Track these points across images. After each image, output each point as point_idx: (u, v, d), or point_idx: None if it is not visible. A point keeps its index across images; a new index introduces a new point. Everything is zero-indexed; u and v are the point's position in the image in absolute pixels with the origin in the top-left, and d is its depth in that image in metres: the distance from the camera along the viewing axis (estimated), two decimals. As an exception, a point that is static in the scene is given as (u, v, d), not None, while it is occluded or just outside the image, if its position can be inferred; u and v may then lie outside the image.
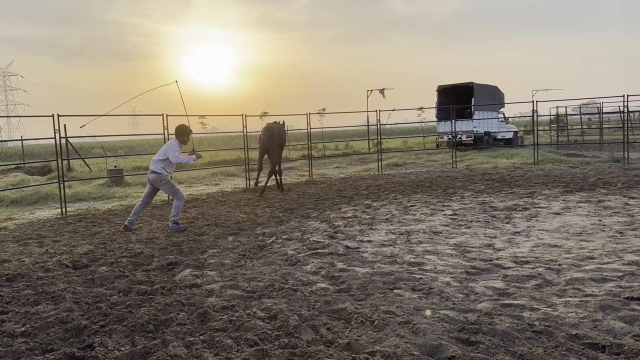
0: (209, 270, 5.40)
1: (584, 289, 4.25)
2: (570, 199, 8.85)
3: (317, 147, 28.78)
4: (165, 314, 4.06)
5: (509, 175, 13.03)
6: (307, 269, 5.27)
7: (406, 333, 3.45)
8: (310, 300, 4.22)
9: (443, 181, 12.48)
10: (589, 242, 5.83)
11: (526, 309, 3.85)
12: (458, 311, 3.87)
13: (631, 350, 3.07)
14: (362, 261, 5.52)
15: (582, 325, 3.50)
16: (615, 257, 5.14)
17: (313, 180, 14.62)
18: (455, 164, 16.86)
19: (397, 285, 4.62)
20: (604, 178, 11.32)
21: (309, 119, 15.27)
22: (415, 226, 7.28)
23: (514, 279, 4.62)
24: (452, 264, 5.24)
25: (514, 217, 7.61)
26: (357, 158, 22.26)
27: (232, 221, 8.24)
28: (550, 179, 11.65)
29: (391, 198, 10.12)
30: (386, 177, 14.30)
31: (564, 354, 3.07)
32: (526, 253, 5.52)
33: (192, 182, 15.45)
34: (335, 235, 6.89)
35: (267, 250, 6.23)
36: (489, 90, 24.66)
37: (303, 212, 8.93)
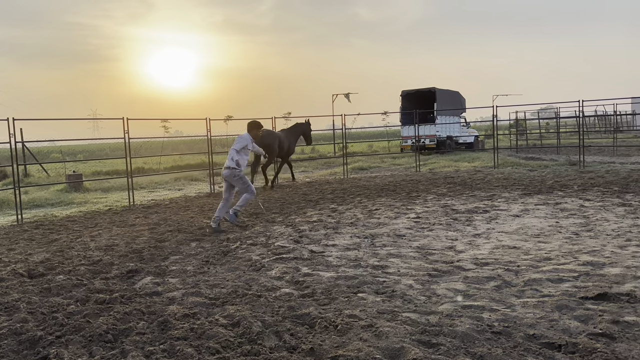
0: (170, 278, 5.30)
1: (542, 290, 4.36)
2: (529, 202, 9.10)
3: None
4: (124, 323, 3.96)
5: (470, 178, 13.30)
6: (272, 274, 5.24)
7: (369, 337, 3.47)
8: (274, 306, 4.20)
9: (407, 185, 12.65)
10: (547, 244, 6.01)
11: (486, 310, 3.93)
12: (420, 313, 3.91)
13: (585, 349, 3.17)
14: (327, 265, 5.53)
15: (539, 325, 3.59)
16: (571, 258, 5.31)
17: (279, 184, 14.56)
18: (419, 167, 17.11)
19: (361, 288, 4.64)
20: (561, 181, 11.69)
21: (274, 123, 15.23)
22: (380, 230, 7.34)
23: (474, 281, 4.71)
24: (415, 266, 5.31)
25: (474, 219, 7.77)
26: (322, 162, 22.32)
27: (196, 227, 8.12)
28: (510, 182, 11.96)
29: (356, 202, 10.18)
30: (351, 181, 14.38)
31: (522, 354, 3.15)
32: (486, 255, 5.64)
33: (155, 187, 15.16)
34: (301, 239, 6.87)
35: (231, 256, 6.17)
36: (451, 96, 25.17)
37: (268, 216, 8.88)
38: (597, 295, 4.10)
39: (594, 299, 4.05)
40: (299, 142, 15.51)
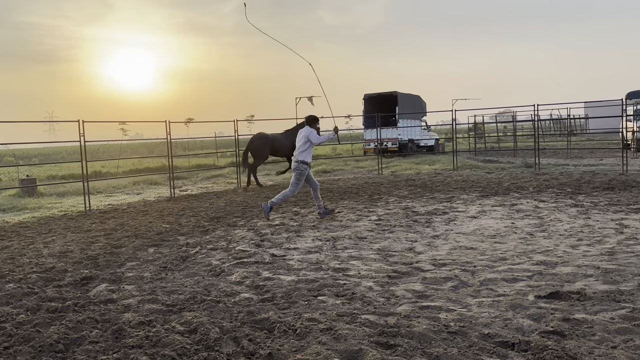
0: (126, 284, 5.16)
1: (497, 289, 4.47)
2: (486, 203, 9.32)
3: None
4: (76, 332, 3.83)
5: (430, 181, 13.53)
6: (232, 279, 5.17)
7: (328, 340, 3.46)
8: (233, 312, 4.14)
9: (369, 187, 12.75)
10: (502, 244, 6.16)
11: (443, 310, 3.99)
12: (379, 315, 3.94)
13: (537, 346, 3.25)
14: (288, 269, 5.50)
15: (493, 324, 3.67)
16: (526, 258, 5.46)
17: (242, 187, 14.43)
18: (381, 170, 17.29)
19: (321, 292, 4.64)
20: (517, 183, 12.03)
21: (236, 126, 15.10)
22: (342, 232, 7.37)
23: (432, 281, 4.78)
24: (375, 268, 5.35)
25: (434, 221, 7.89)
26: (286, 165, 22.24)
27: (154, 232, 7.95)
28: (468, 184, 12.22)
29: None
30: (314, 184, 14.38)
31: (477, 353, 3.21)
32: (444, 256, 5.74)
33: (112, 191, 14.77)
34: (262, 243, 6.82)
35: (190, 261, 6.06)
36: (412, 99, 25.57)
37: (230, 220, 8.79)
38: (550, 294, 4.23)
39: (546, 298, 4.17)
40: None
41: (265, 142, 13.95)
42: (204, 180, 17.51)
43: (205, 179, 18.07)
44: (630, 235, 6.28)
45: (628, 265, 4.98)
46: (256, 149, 13.86)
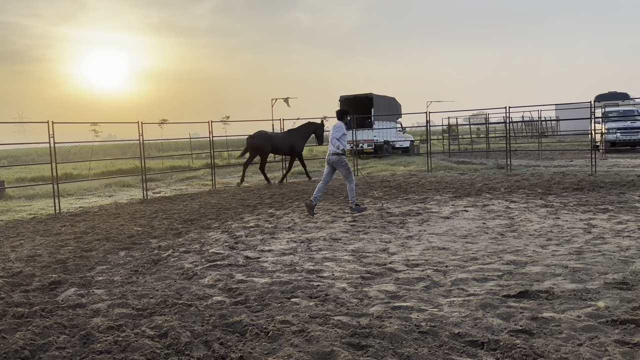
0: (96, 289, 5.06)
1: (467, 289, 4.53)
2: (459, 204, 9.45)
3: (222, 155, 28.27)
4: (43, 337, 3.74)
5: (405, 182, 13.64)
6: (204, 283, 5.12)
7: (300, 342, 3.46)
8: (205, 315, 4.10)
9: (344, 189, 12.78)
10: (474, 244, 6.25)
11: (414, 310, 4.03)
12: (351, 316, 3.95)
13: (506, 345, 3.31)
14: (262, 271, 5.48)
15: (464, 323, 3.72)
16: (496, 258, 5.55)
17: (216, 189, 14.33)
18: (357, 171, 17.35)
19: (295, 293, 4.63)
20: (489, 184, 12.22)
21: (211, 127, 14.98)
22: (316, 233, 7.37)
23: (405, 282, 4.82)
24: (349, 269, 5.36)
25: (407, 222, 7.96)
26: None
27: (125, 235, 7.82)
28: (442, 185, 12.36)
29: (294, 206, 10.18)
30: (291, 186, 14.37)
31: (447, 353, 3.24)
32: (417, 256, 5.80)
33: (84, 193, 14.49)
34: (236, 245, 6.78)
35: (162, 264, 5.98)
36: (388, 101, 25.76)
37: (203, 222, 8.70)
38: (519, 293, 4.30)
39: (515, 297, 4.24)
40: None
41: (265, 140, 14.42)
42: (178, 182, 17.32)
43: (180, 180, 17.87)
44: (597, 234, 6.43)
45: (595, 264, 5.10)
46: (255, 147, 14.40)
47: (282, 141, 14.93)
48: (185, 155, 29.31)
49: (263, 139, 14.59)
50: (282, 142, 14.91)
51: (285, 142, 14.94)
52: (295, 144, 15.01)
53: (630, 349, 3.21)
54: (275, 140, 14.83)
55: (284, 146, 14.94)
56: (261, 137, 14.64)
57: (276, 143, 14.80)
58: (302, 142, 15.29)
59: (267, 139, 14.65)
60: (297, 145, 15.08)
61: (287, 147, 14.99)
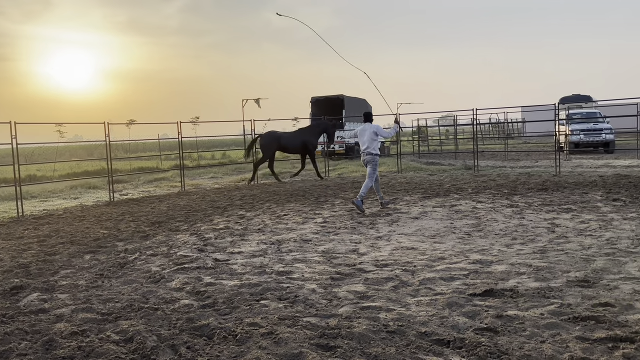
0: (59, 293, 4.93)
1: (435, 288, 4.59)
2: (428, 204, 9.58)
3: (191, 156, 27.94)
4: (3, 344, 3.63)
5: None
6: (171, 286, 5.05)
7: (268, 344, 3.45)
8: (172, 319, 4.05)
9: (316, 190, 12.80)
10: (441, 244, 6.35)
11: (383, 310, 4.06)
12: (320, 317, 3.96)
13: (471, 343, 3.37)
14: (231, 274, 5.43)
15: (431, 322, 3.77)
16: (463, 257, 5.64)
17: (185, 191, 14.15)
18: (328, 172, 17.40)
19: (264, 295, 4.61)
20: (457, 184, 12.43)
21: (180, 128, 14.79)
22: (287, 235, 7.36)
23: (374, 282, 4.86)
24: (319, 270, 5.38)
25: (377, 222, 8.03)
26: (233, 168, 22.00)
27: (91, 238, 7.64)
28: (411, 186, 12.51)
29: (265, 208, 10.14)
30: (262, 187, 14.30)
31: (414, 352, 3.29)
32: (386, 256, 5.85)
33: (48, 196, 14.10)
34: (205, 248, 6.71)
35: (129, 267, 5.87)
36: (358, 103, 25.90)
37: (172, 225, 8.58)
38: (484, 291, 4.39)
39: (481, 296, 4.32)
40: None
41: (271, 140, 14.76)
42: (146, 184, 17.03)
43: (148, 182, 17.57)
44: (560, 234, 6.62)
45: (558, 262, 5.25)
46: (261, 146, 14.92)
47: (292, 140, 15.17)
48: (153, 156, 28.84)
49: (270, 138, 14.86)
50: (291, 141, 15.14)
51: (296, 141, 15.15)
52: (306, 142, 15.20)
53: (590, 345, 3.31)
54: (284, 140, 15.06)
55: (294, 145, 15.17)
56: (268, 136, 14.94)
57: (285, 142, 15.05)
58: (314, 141, 15.45)
59: (275, 138, 14.86)
60: (309, 144, 15.25)
61: (298, 145, 15.18)
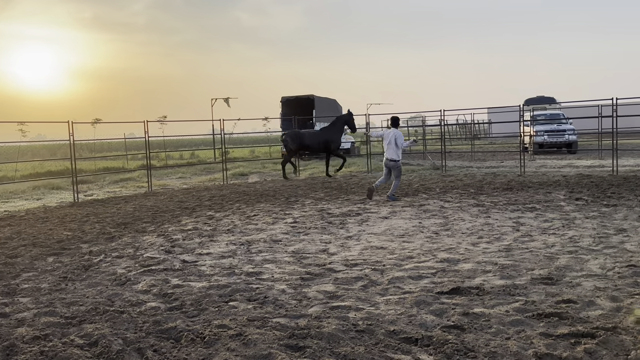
0: (21, 297, 4.78)
1: (403, 287, 4.64)
2: (397, 204, 9.67)
3: (159, 156, 27.49)
4: (-41, 352, 3.48)
5: (345, 183, 13.80)
6: (138, 288, 4.95)
7: (237, 346, 3.42)
8: (138, 322, 3.97)
9: (286, 190, 12.76)
10: (410, 243, 6.42)
11: (352, 309, 4.08)
12: (290, 318, 3.95)
13: (439, 340, 3.42)
14: (199, 275, 5.37)
15: (399, 321, 3.81)
16: (431, 256, 5.72)
17: (153, 191, 13.90)
18: (299, 172, 17.38)
19: (233, 297, 4.57)
20: (426, 184, 12.59)
21: (146, 127, 14.52)
22: (257, 235, 7.31)
23: (344, 282, 4.88)
24: (289, 271, 5.36)
25: (347, 222, 8.06)
26: (202, 168, 21.74)
27: (54, 240, 7.43)
28: (381, 186, 12.59)
29: (235, 208, 10.05)
30: (231, 187, 14.18)
31: (382, 350, 3.31)
32: (356, 256, 5.88)
33: (10, 197, 13.64)
34: (172, 249, 6.60)
35: (94, 270, 5.73)
36: (329, 103, 25.98)
37: (138, 226, 8.42)
38: (451, 289, 4.46)
39: (448, 294, 4.39)
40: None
41: (293, 138, 15.20)
42: (112, 184, 16.66)
43: (113, 182, 17.20)
44: (525, 232, 6.78)
45: (522, 260, 5.37)
46: (284, 144, 15.61)
47: (314, 139, 15.48)
48: (119, 156, 28.25)
49: (291, 137, 15.26)
50: (314, 140, 15.45)
51: (318, 140, 15.45)
52: (329, 140, 15.43)
53: (553, 341, 3.40)
54: (306, 139, 15.38)
55: (317, 144, 15.48)
56: (290, 135, 15.38)
57: (307, 141, 15.36)
58: (337, 138, 15.62)
59: (296, 137, 15.24)
60: (332, 142, 15.45)
61: (321, 144, 15.47)
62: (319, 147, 15.78)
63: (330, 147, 15.54)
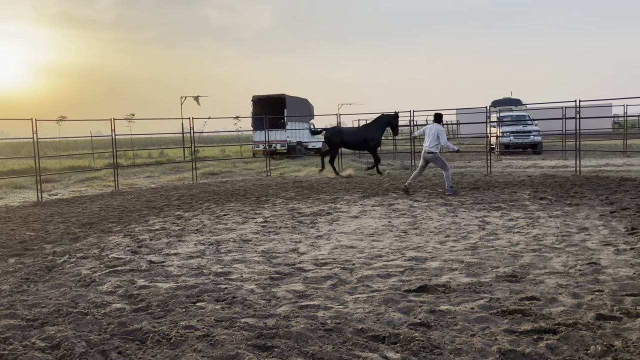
0: (-22, 300, 4.62)
1: (372, 285, 4.68)
2: (367, 203, 9.74)
3: (126, 155, 26.98)
4: None
5: (317, 182, 13.83)
6: (103, 289, 4.85)
7: (204, 347, 3.38)
8: (102, 323, 3.88)
9: (257, 189, 12.71)
10: (379, 242, 6.47)
11: (321, 308, 4.09)
12: (258, 317, 3.93)
13: (406, 338, 3.45)
14: (166, 276, 5.29)
15: (367, 319, 3.83)
16: (399, 254, 5.78)
17: (119, 191, 13.64)
18: (270, 172, 17.32)
19: (200, 297, 4.52)
20: (395, 184, 12.71)
21: (113, 125, 14.24)
22: (226, 235, 7.25)
23: (313, 281, 4.89)
24: (258, 270, 5.34)
25: (318, 221, 8.07)
26: (171, 167, 21.44)
27: (16, 240, 7.21)
28: (352, 186, 12.67)
29: (204, 208, 9.94)
30: (201, 187, 14.03)
31: (350, 349, 3.33)
32: (326, 255, 5.89)
33: (-32, 196, 13.17)
34: (139, 250, 6.49)
35: (57, 271, 5.58)
36: (300, 103, 25.97)
37: (104, 226, 8.24)
38: (419, 287, 4.51)
39: (415, 292, 4.45)
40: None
41: (334, 134, 15.40)
42: (78, 184, 16.28)
43: (79, 181, 16.81)
44: (491, 231, 6.92)
45: (488, 258, 5.48)
46: (326, 140, 15.77)
47: (354, 136, 15.58)
48: (85, 154, 27.61)
49: (332, 133, 15.51)
50: (353, 137, 15.54)
51: (358, 137, 15.48)
52: (368, 138, 15.32)
53: (517, 337, 3.48)
54: (347, 135, 15.50)
55: (356, 141, 15.54)
56: (331, 131, 15.69)
57: (347, 138, 15.45)
58: (377, 136, 15.42)
59: (337, 133, 15.44)
60: (371, 139, 15.29)
61: (360, 141, 15.47)
62: (358, 144, 15.85)
63: (369, 144, 15.40)
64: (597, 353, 3.17)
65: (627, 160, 18.03)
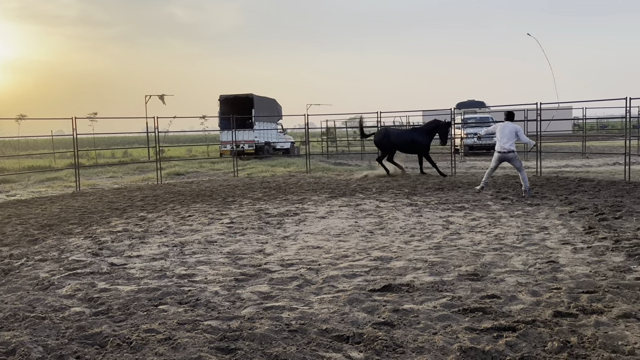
0: None
1: (337, 285, 4.70)
2: (334, 204, 9.77)
3: (88, 154, 26.31)
4: None
5: (284, 183, 13.79)
6: (61, 293, 4.71)
7: (165, 350, 3.33)
8: (61, 328, 3.78)
9: (224, 190, 12.59)
10: (345, 242, 6.50)
11: (286, 309, 4.08)
12: (222, 320, 3.90)
13: (369, 337, 3.48)
14: (128, 278, 5.18)
15: (332, 319, 3.85)
16: (365, 254, 5.83)
17: (81, 191, 13.28)
18: (237, 172, 17.18)
19: (163, 300, 4.45)
20: (363, 184, 12.80)
21: (74, 124, 13.87)
22: (191, 237, 7.16)
23: (279, 282, 4.87)
24: (223, 272, 5.29)
25: (285, 222, 8.05)
26: (135, 167, 21.01)
27: (-31, 243, 6.93)
28: (319, 186, 12.70)
29: (169, 209, 9.78)
30: (166, 187, 13.80)
31: (314, 349, 3.33)
32: (292, 256, 5.89)
33: None
34: (100, 252, 6.34)
35: (14, 274, 5.40)
36: (268, 103, 25.84)
37: (64, 228, 8.01)
38: (383, 287, 4.56)
39: (380, 291, 4.49)
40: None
41: (381, 136, 15.27)
42: (37, 184, 15.78)
43: (39, 182, 16.30)
44: (454, 230, 7.04)
45: (451, 258, 5.58)
46: (375, 143, 15.68)
47: (401, 138, 15.33)
48: (46, 154, 26.79)
49: (380, 135, 15.41)
50: (400, 139, 15.27)
51: (405, 139, 15.27)
52: (416, 140, 15.06)
53: (477, 335, 3.55)
54: (394, 137, 15.25)
55: (403, 143, 15.26)
56: (379, 133, 15.59)
57: (394, 140, 15.17)
58: (424, 140, 15.08)
59: (385, 135, 15.31)
60: (418, 143, 15.02)
61: (408, 144, 15.21)
62: (405, 147, 15.48)
63: (416, 147, 15.16)
64: (554, 349, 3.26)
65: (585, 161, 18.66)
